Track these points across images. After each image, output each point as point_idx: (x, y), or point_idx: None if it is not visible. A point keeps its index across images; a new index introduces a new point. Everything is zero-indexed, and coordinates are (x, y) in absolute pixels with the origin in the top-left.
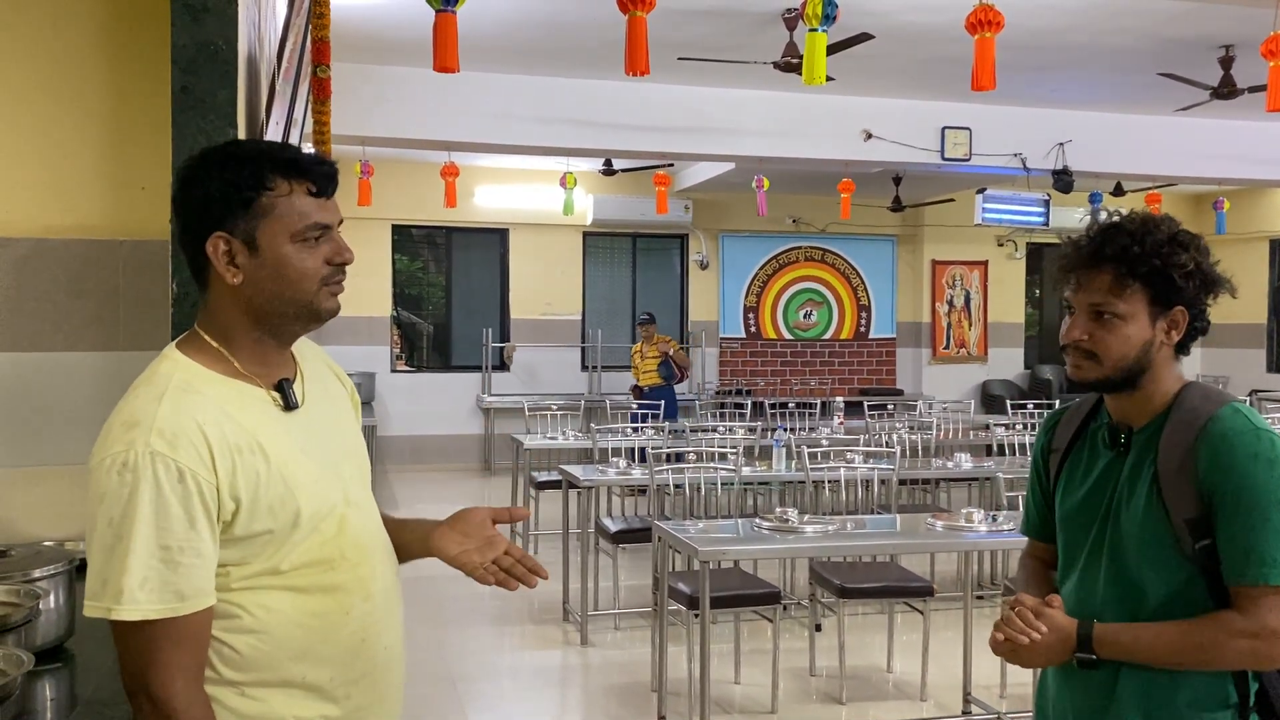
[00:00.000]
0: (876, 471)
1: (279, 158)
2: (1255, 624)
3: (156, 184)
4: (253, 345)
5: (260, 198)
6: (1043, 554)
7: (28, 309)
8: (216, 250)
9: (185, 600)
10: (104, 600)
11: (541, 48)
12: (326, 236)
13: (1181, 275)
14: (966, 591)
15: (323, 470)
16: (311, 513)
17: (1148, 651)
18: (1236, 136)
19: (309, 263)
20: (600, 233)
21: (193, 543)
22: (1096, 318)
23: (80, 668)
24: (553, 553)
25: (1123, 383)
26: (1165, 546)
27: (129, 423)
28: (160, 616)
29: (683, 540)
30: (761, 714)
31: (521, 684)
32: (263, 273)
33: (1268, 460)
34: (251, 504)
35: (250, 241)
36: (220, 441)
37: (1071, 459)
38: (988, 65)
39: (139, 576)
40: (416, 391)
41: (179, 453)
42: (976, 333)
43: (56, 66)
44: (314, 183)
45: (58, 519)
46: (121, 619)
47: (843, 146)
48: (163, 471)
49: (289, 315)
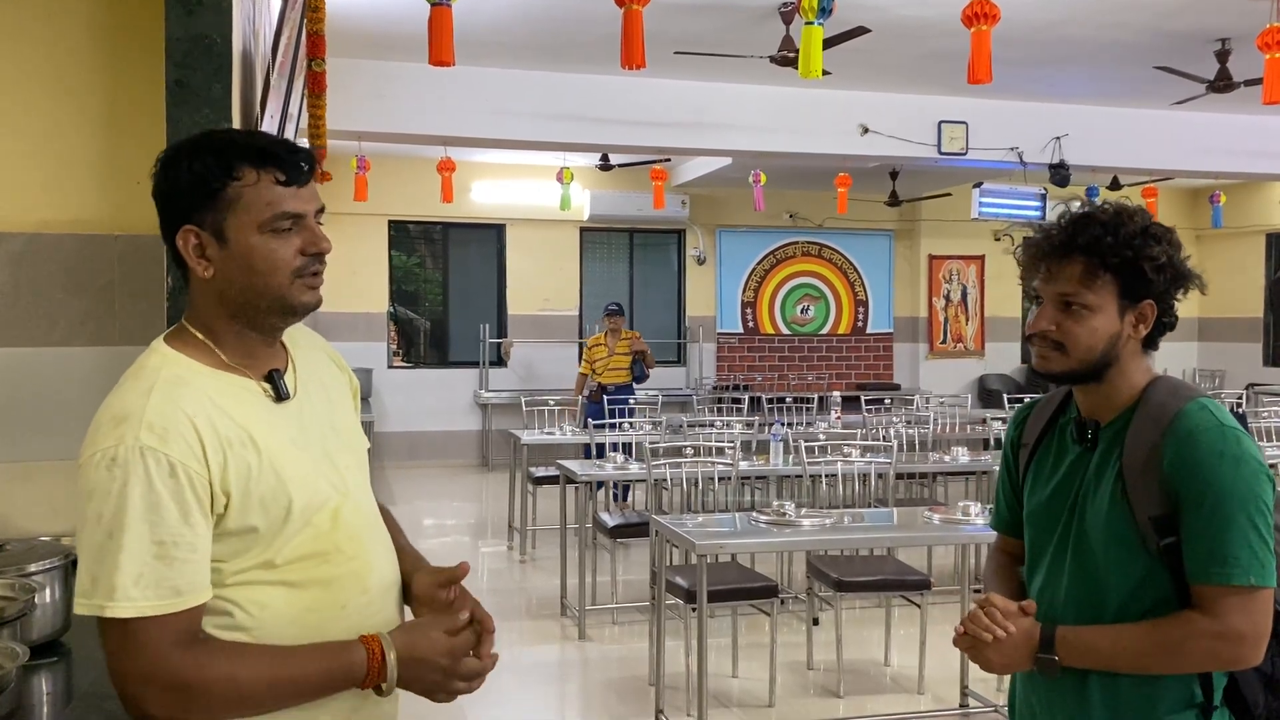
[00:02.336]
0: (873, 466)
1: (247, 146)
2: (1219, 625)
3: (150, 179)
4: (235, 338)
5: (226, 189)
6: (1012, 549)
7: (23, 304)
8: (187, 244)
9: (181, 596)
10: (95, 598)
11: (538, 42)
12: (300, 226)
13: (1153, 268)
14: (964, 585)
15: (316, 462)
16: (304, 505)
17: (1109, 653)
18: (1233, 130)
19: (280, 253)
20: (597, 228)
21: (187, 537)
22: (1064, 308)
23: (77, 661)
24: (550, 548)
25: (1089, 375)
26: (1129, 543)
27: (118, 417)
28: (156, 613)
29: (680, 535)
30: (759, 708)
31: (520, 679)
32: (232, 265)
33: (1233, 458)
34: (243, 497)
35: (219, 233)
36: (211, 434)
37: (1040, 454)
38: (984, 58)
39: (133, 573)
40: (414, 388)
41: (169, 446)
42: (973, 327)
43: (50, 60)
44: (283, 170)
45: (53, 514)
46: (115, 616)
47: (839, 141)
48: (153, 466)
49: (261, 308)
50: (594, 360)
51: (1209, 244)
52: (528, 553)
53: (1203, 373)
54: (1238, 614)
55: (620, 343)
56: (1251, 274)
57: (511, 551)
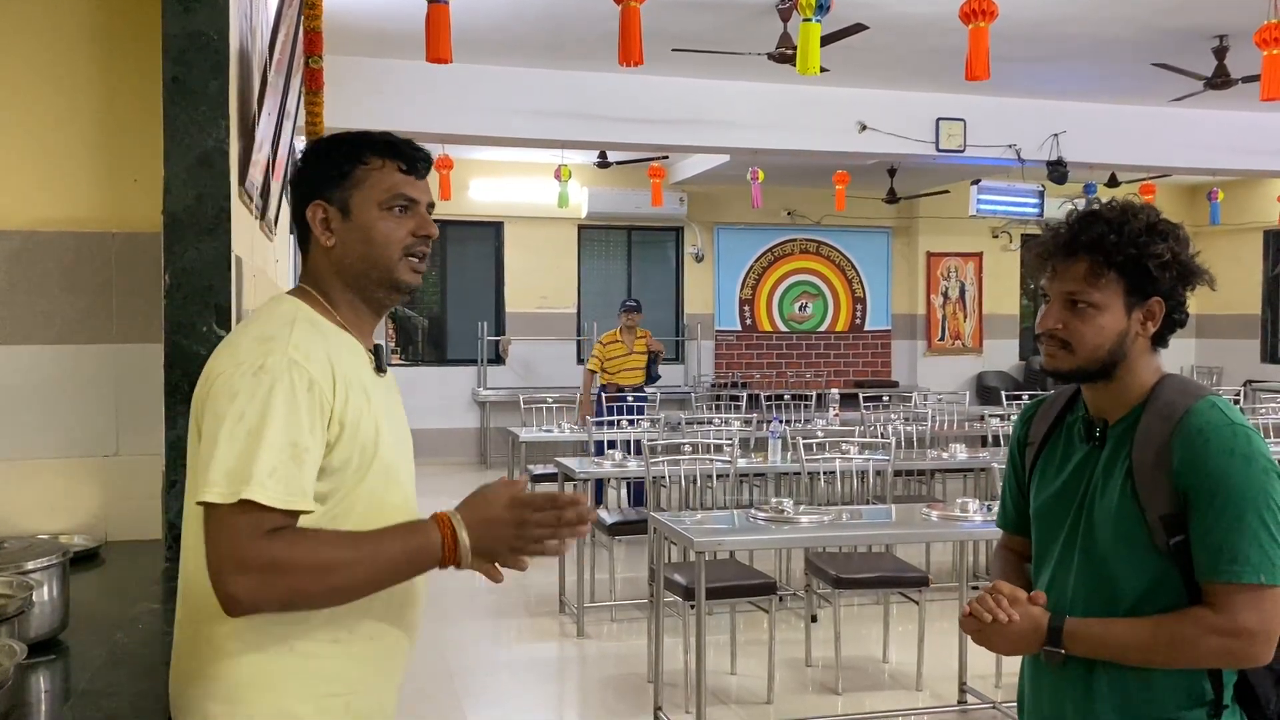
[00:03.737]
0: (872, 463)
1: (375, 139)
2: (1229, 622)
3: (148, 176)
4: (348, 306)
5: (355, 170)
6: (1018, 547)
7: (20, 302)
8: (315, 216)
9: (305, 497)
10: (234, 484)
11: (535, 39)
12: (413, 210)
13: (1158, 266)
14: (962, 582)
15: (398, 437)
16: (387, 463)
17: (1118, 646)
18: (1231, 127)
19: (394, 231)
20: (595, 226)
21: (313, 447)
22: (1071, 307)
23: (75, 659)
24: None
25: (1097, 373)
26: (1138, 542)
27: (263, 337)
28: (281, 506)
29: (679, 532)
30: (757, 705)
31: (518, 676)
32: (352, 236)
33: (1244, 456)
34: (353, 433)
35: (344, 208)
36: (340, 370)
37: (1047, 452)
38: (982, 55)
39: (269, 465)
40: (412, 385)
41: (312, 366)
42: (971, 324)
43: (46, 57)
44: (404, 161)
45: (51, 512)
46: (252, 499)
47: (837, 138)
48: (298, 378)
49: (373, 280)
50: (608, 359)
51: (1207, 241)
52: None
53: (1200, 369)
54: (1249, 611)
55: (638, 341)
56: (1249, 271)
57: None
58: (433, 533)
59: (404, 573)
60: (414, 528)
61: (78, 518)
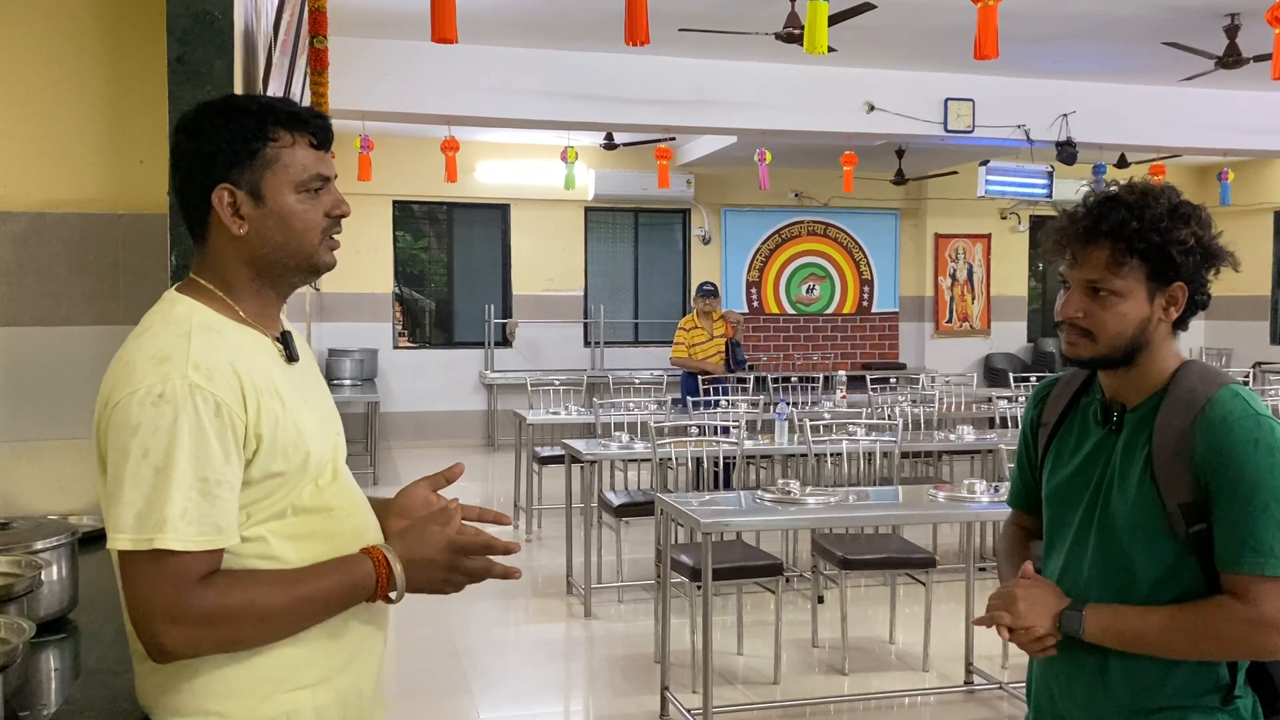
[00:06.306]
0: (879, 444)
1: (280, 110)
2: (1254, 612)
3: (154, 157)
4: (254, 296)
5: (265, 148)
6: (1027, 523)
7: (27, 284)
8: (221, 201)
9: (221, 534)
10: (145, 531)
11: (541, 19)
12: (326, 189)
13: (1181, 251)
14: (969, 563)
15: (321, 422)
16: (318, 459)
17: (1134, 632)
18: (1242, 106)
19: (312, 214)
20: (602, 208)
21: (228, 477)
22: (1092, 294)
23: (84, 638)
24: (556, 527)
25: (1119, 361)
26: (1156, 529)
27: (159, 357)
28: (200, 548)
29: (685, 513)
30: (764, 685)
31: (525, 657)
32: (268, 223)
33: (1268, 447)
34: (271, 444)
35: (255, 192)
36: (248, 380)
37: (1061, 434)
38: (990, 33)
39: (180, 507)
40: (419, 368)
41: (215, 386)
42: (979, 306)
43: (51, 38)
44: (314, 135)
45: (59, 493)
46: (166, 548)
47: (845, 119)
48: (201, 403)
49: (290, 266)
50: (693, 345)
51: (1217, 221)
52: (533, 532)
53: (1210, 351)
54: (1273, 601)
55: (716, 325)
56: (1259, 252)
57: (517, 531)
58: (365, 568)
59: (337, 610)
60: (349, 565)
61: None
